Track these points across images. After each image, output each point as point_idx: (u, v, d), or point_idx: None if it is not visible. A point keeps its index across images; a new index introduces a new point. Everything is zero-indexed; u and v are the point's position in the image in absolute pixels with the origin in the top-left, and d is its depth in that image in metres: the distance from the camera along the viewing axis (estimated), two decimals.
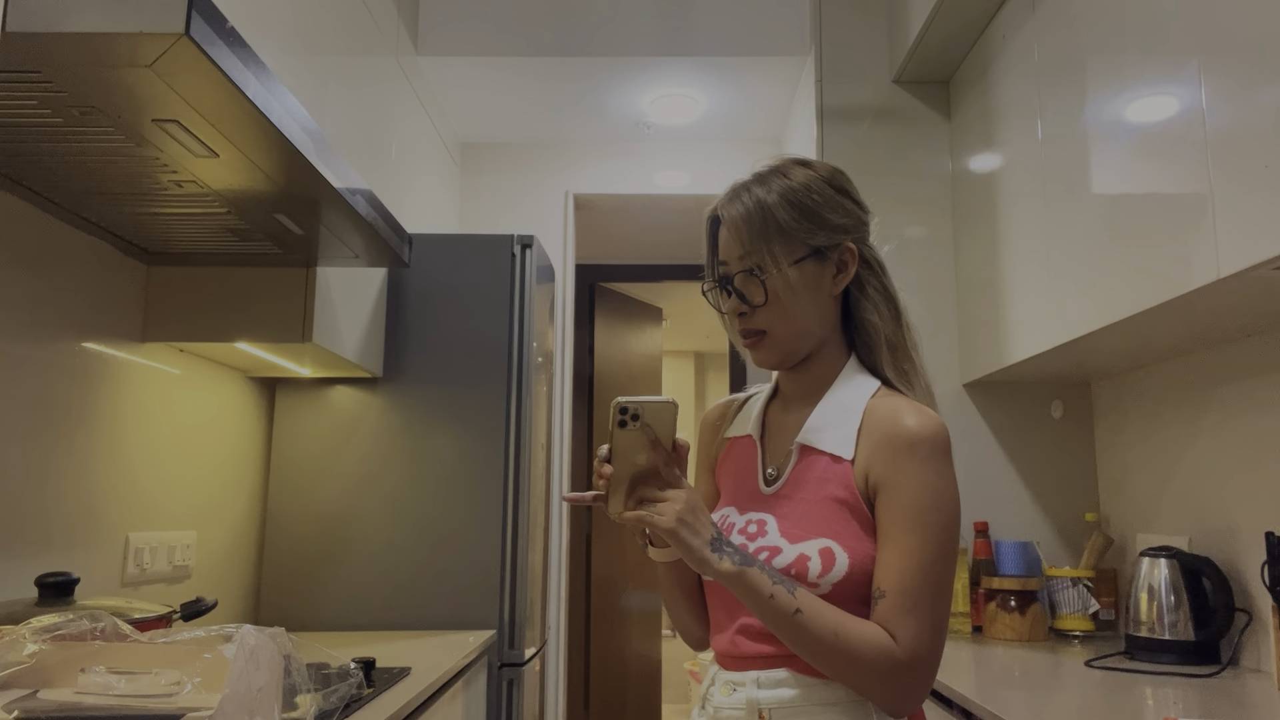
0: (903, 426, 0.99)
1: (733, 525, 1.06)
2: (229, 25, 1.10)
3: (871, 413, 1.03)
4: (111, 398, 1.75)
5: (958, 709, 1.60)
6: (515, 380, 2.47)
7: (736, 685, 1.01)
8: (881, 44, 2.61)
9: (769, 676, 0.99)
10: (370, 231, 1.71)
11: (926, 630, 0.93)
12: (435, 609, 2.35)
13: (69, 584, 1.33)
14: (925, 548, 0.94)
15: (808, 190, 1.05)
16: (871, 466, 1.00)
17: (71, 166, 1.36)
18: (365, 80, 2.32)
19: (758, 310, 1.04)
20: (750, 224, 1.04)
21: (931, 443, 0.98)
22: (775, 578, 0.94)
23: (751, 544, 1.02)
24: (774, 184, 1.06)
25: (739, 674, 1.02)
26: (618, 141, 3.53)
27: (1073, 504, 2.38)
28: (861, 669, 0.92)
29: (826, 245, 1.05)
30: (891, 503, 0.97)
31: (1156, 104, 1.50)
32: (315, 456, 2.42)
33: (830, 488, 1.01)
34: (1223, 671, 1.70)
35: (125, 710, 0.99)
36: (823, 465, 1.03)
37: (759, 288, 1.04)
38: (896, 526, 0.96)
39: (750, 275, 1.04)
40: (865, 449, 1.01)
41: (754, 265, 1.04)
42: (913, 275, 2.50)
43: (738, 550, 0.94)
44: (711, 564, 0.92)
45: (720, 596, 1.06)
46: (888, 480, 0.98)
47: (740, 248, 1.05)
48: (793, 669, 0.99)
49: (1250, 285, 1.36)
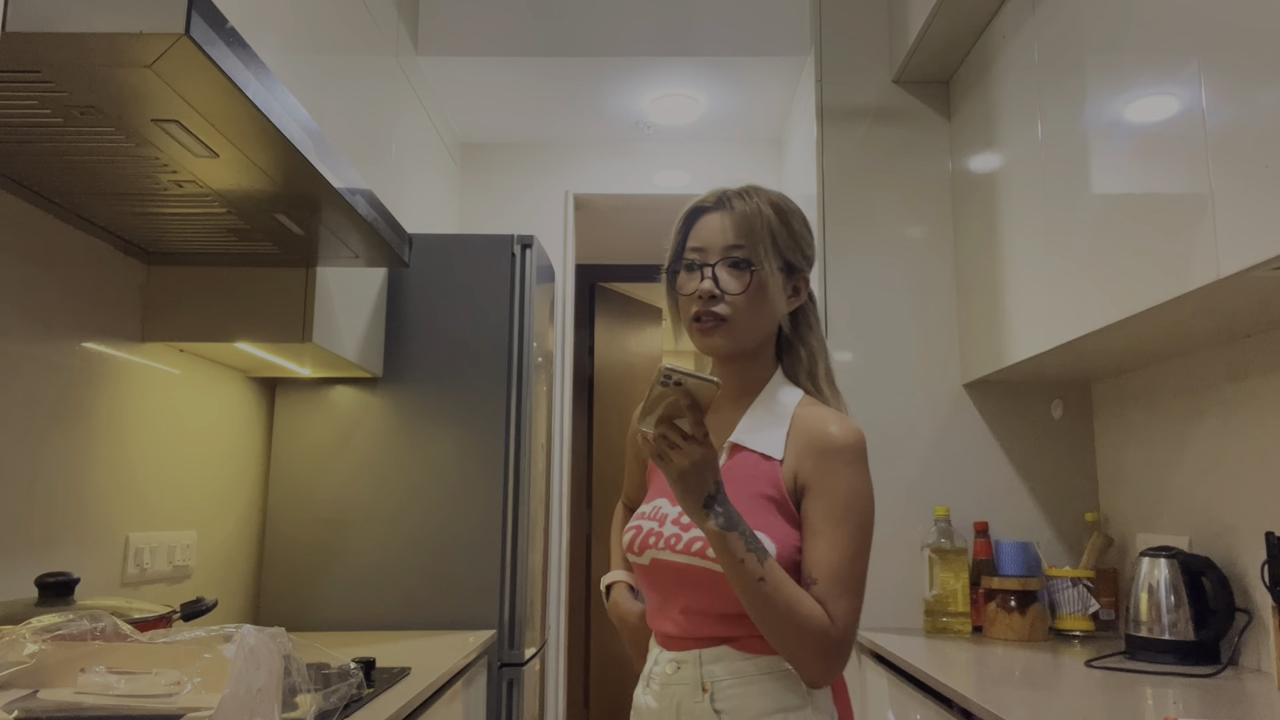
0: (829, 434, 1.11)
1: (666, 515, 1.15)
2: (229, 25, 1.10)
3: (799, 419, 1.15)
4: (111, 398, 1.75)
5: (957, 709, 1.60)
6: (515, 380, 2.47)
7: (681, 662, 1.12)
8: (881, 44, 2.61)
9: (711, 653, 1.10)
10: (370, 231, 1.71)
11: (854, 612, 1.06)
12: (435, 609, 2.35)
13: (69, 584, 1.33)
14: (850, 541, 1.07)
15: (794, 216, 1.20)
16: (800, 468, 1.11)
17: (71, 166, 1.37)
18: (365, 80, 2.32)
19: (728, 298, 1.15)
20: (753, 221, 1.15)
21: (854, 450, 1.10)
22: (752, 545, 1.02)
23: (686, 533, 1.11)
24: (771, 200, 1.19)
25: (683, 653, 1.13)
26: (617, 141, 3.53)
27: (1073, 504, 2.38)
28: (803, 640, 1.02)
29: (796, 267, 1.19)
30: (820, 501, 1.09)
31: (1156, 104, 1.50)
32: (315, 456, 2.42)
33: (759, 484, 1.12)
34: (1223, 671, 1.70)
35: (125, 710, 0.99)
36: (752, 463, 1.14)
37: (742, 278, 1.15)
38: (826, 522, 1.08)
39: (736, 265, 1.15)
40: (793, 451, 1.13)
41: (745, 257, 1.15)
42: (913, 275, 2.50)
43: (728, 514, 1.02)
44: (700, 518, 1.02)
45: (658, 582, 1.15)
46: (815, 482, 1.10)
47: (735, 239, 1.15)
48: (732, 647, 1.10)
49: (1250, 285, 1.36)
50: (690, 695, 1.10)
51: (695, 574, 1.10)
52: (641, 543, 1.16)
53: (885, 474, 2.42)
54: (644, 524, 1.18)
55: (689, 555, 1.10)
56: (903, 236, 2.52)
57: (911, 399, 2.45)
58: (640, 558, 1.16)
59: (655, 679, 1.14)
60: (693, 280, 1.17)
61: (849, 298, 2.49)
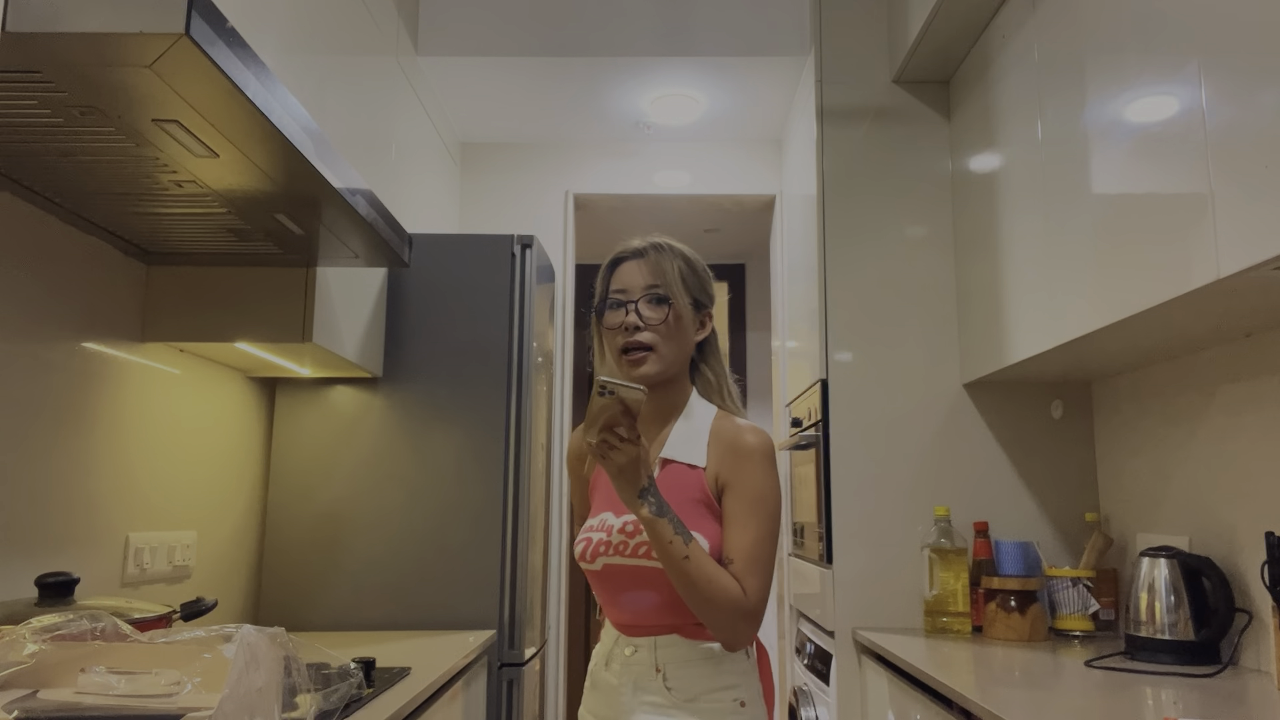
0: (743, 441, 1.34)
1: (612, 526, 1.35)
2: (229, 25, 1.10)
3: (716, 430, 1.37)
4: (111, 398, 1.75)
5: (957, 709, 1.60)
6: (515, 380, 2.47)
7: (638, 647, 1.33)
8: (881, 44, 2.61)
9: (663, 640, 1.32)
10: (370, 231, 1.71)
11: (765, 587, 1.27)
12: (435, 609, 2.35)
13: (69, 584, 1.33)
14: (760, 528, 1.29)
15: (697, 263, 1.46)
16: (720, 471, 1.34)
17: (71, 166, 1.37)
18: (365, 80, 2.32)
19: (651, 328, 1.35)
20: (667, 264, 1.39)
21: (763, 453, 1.33)
22: (679, 530, 1.23)
23: (632, 540, 1.32)
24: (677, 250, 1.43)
25: (639, 639, 1.33)
26: (618, 141, 3.53)
27: (1073, 504, 2.38)
28: (719, 608, 1.23)
29: (702, 303, 1.43)
30: (735, 497, 1.31)
31: (1156, 104, 1.50)
32: (315, 456, 2.42)
33: (690, 491, 1.34)
34: (1223, 671, 1.70)
35: (125, 710, 0.99)
36: (681, 473, 1.36)
37: (661, 310, 1.36)
38: (740, 514, 1.30)
39: (656, 301, 1.36)
40: (714, 458, 1.35)
41: (663, 294, 1.37)
42: (913, 275, 2.50)
43: (658, 503, 1.23)
44: (635, 506, 1.23)
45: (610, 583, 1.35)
46: (732, 481, 1.32)
47: (652, 279, 1.37)
48: (681, 634, 1.31)
49: (1250, 285, 1.36)
50: (646, 674, 1.31)
51: (642, 573, 1.31)
52: (593, 552, 1.35)
53: (885, 474, 2.42)
54: (593, 535, 1.37)
55: (636, 558, 1.31)
56: (903, 236, 2.52)
57: (911, 399, 2.45)
58: (593, 564, 1.36)
59: (615, 660, 1.35)
60: (617, 316, 1.37)
61: (849, 298, 2.49)
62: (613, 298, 1.39)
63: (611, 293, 1.39)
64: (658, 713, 1.28)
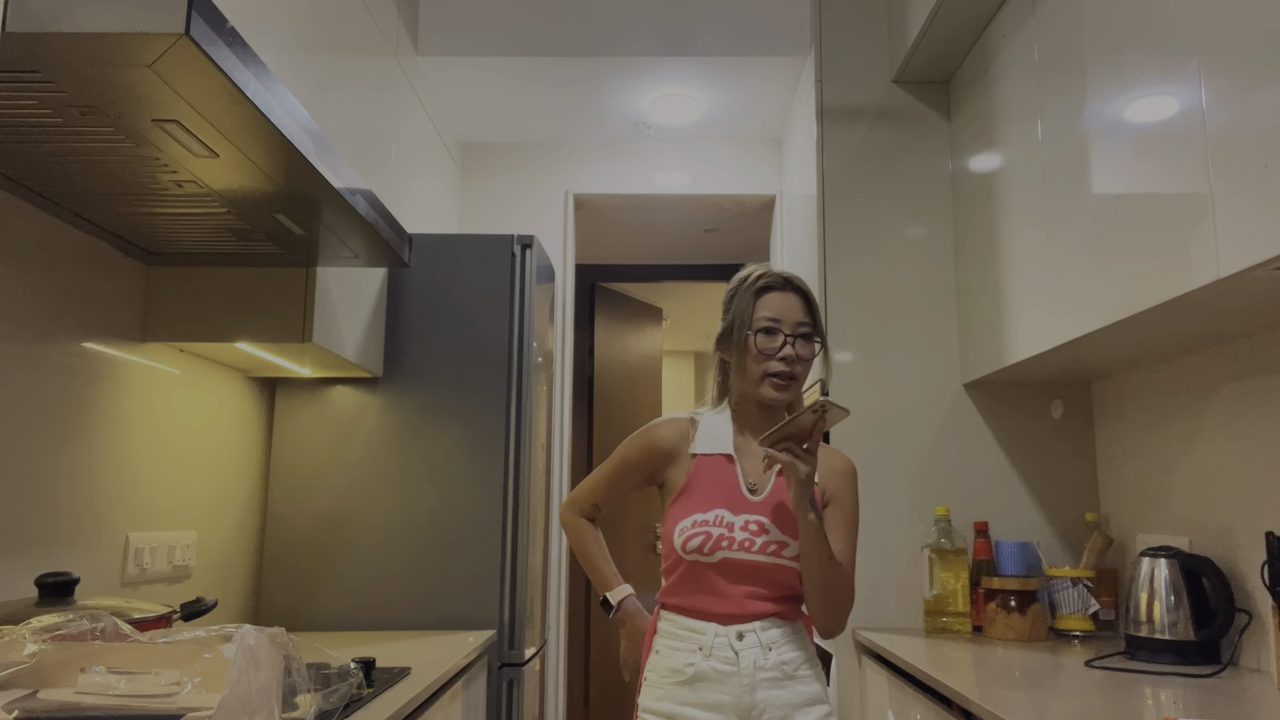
0: (847, 465, 1.57)
1: (732, 523, 1.49)
2: (229, 25, 1.10)
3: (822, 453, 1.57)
4: (111, 398, 1.75)
5: (957, 709, 1.60)
6: (515, 380, 2.47)
7: (744, 633, 1.47)
8: (881, 44, 2.61)
9: (763, 624, 1.48)
10: (370, 231, 1.71)
11: None
12: (435, 609, 2.35)
13: (69, 584, 1.33)
14: (855, 540, 1.53)
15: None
16: (826, 488, 1.54)
17: (71, 166, 1.37)
18: (365, 80, 2.32)
19: (800, 361, 1.51)
20: (814, 306, 1.55)
21: (855, 476, 1.58)
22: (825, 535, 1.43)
23: (758, 538, 1.48)
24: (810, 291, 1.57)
25: (743, 625, 1.47)
26: (618, 141, 3.53)
27: (1073, 504, 2.38)
28: (846, 601, 1.47)
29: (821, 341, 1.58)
30: (840, 511, 1.53)
31: (1156, 104, 1.50)
32: (315, 456, 2.42)
33: None
34: (1223, 671, 1.70)
35: (125, 710, 0.99)
36: None
37: (811, 349, 1.53)
38: (845, 526, 1.52)
39: (808, 339, 1.53)
40: (821, 475, 1.54)
41: (814, 333, 1.53)
42: (913, 275, 2.50)
43: (816, 511, 1.42)
44: (804, 511, 1.40)
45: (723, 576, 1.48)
46: (839, 497, 1.54)
47: (806, 317, 1.53)
48: (778, 619, 1.49)
49: (1250, 285, 1.36)
50: (760, 654, 1.46)
51: (760, 568, 1.47)
52: (714, 545, 1.47)
53: (885, 474, 2.42)
54: (712, 530, 1.48)
55: (766, 555, 1.47)
56: (903, 236, 2.52)
57: (911, 399, 2.45)
58: (710, 557, 1.47)
59: (722, 648, 1.46)
60: (773, 342, 1.50)
61: (849, 298, 2.49)
62: (767, 323, 1.51)
63: (765, 318, 1.51)
64: (775, 686, 1.45)
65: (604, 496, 1.65)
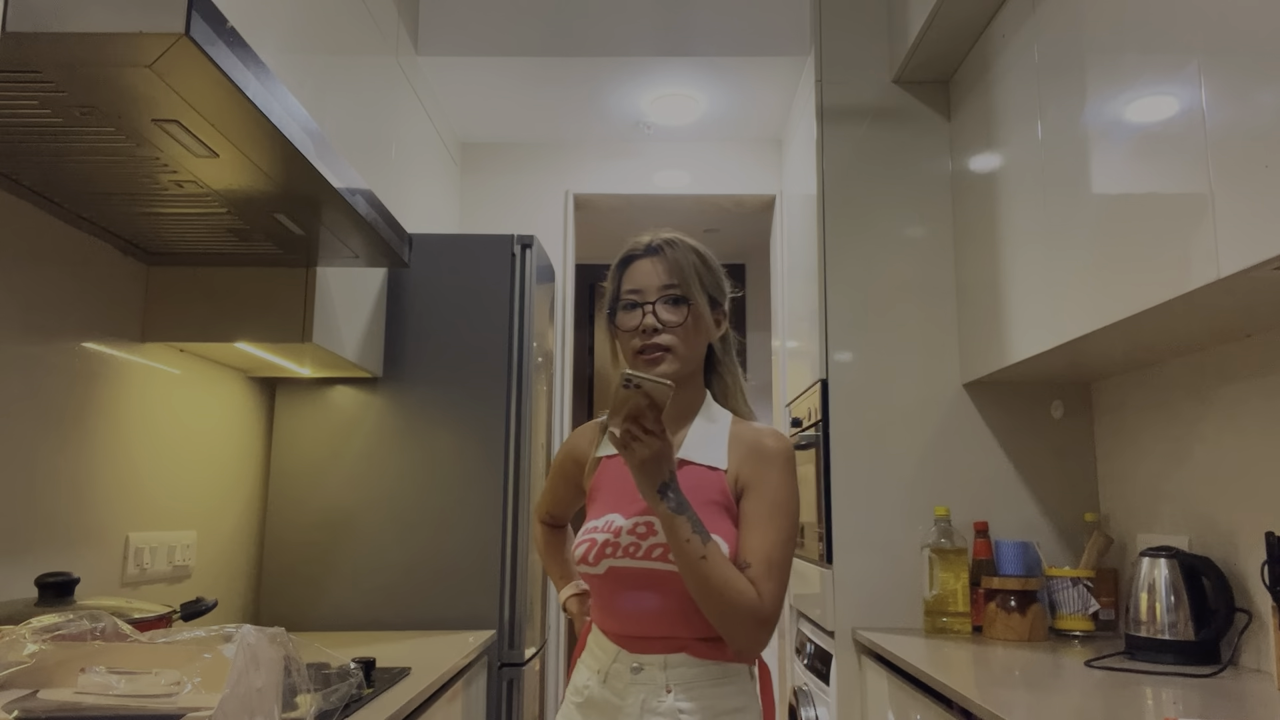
0: (766, 444, 1.31)
1: (620, 527, 1.29)
2: (229, 25, 1.10)
3: (736, 433, 1.34)
4: (111, 398, 1.75)
5: (958, 709, 1.60)
6: (515, 380, 2.47)
7: (645, 665, 1.26)
8: (881, 44, 2.61)
9: (673, 659, 1.26)
10: (370, 231, 1.71)
11: (780, 592, 1.23)
12: (435, 609, 2.35)
13: (69, 584, 1.33)
14: (779, 532, 1.25)
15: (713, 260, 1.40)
16: (740, 473, 1.30)
17: (71, 166, 1.36)
18: (365, 80, 2.32)
19: (670, 330, 1.31)
20: (682, 263, 1.33)
21: (785, 457, 1.31)
22: (697, 529, 1.19)
23: (644, 541, 1.27)
24: (690, 245, 1.37)
25: (646, 656, 1.27)
26: (617, 141, 3.53)
27: (1073, 504, 2.38)
28: (735, 612, 1.19)
29: (717, 301, 1.38)
30: (755, 500, 1.28)
31: (1156, 104, 1.50)
32: (315, 456, 2.42)
33: (709, 493, 1.29)
34: (1223, 671, 1.70)
35: (125, 710, 0.99)
36: (700, 475, 1.31)
37: (680, 311, 1.31)
38: (760, 517, 1.26)
39: (673, 301, 1.32)
40: (734, 461, 1.31)
41: (681, 294, 1.32)
42: (913, 275, 2.50)
43: (678, 500, 1.20)
44: (654, 501, 1.19)
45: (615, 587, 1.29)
46: (753, 483, 1.29)
47: (669, 279, 1.32)
48: (689, 653, 1.26)
49: (1250, 285, 1.36)
50: (655, 694, 1.25)
51: (652, 576, 1.26)
52: (598, 553, 1.29)
53: (885, 474, 2.42)
54: (597, 536, 1.30)
55: (650, 560, 1.25)
56: (903, 236, 2.52)
57: (911, 399, 2.45)
58: (595, 567, 1.29)
59: (617, 677, 1.28)
60: (633, 318, 1.33)
61: (849, 298, 2.49)
62: (627, 299, 1.34)
63: (626, 293, 1.34)
64: None
65: (550, 506, 1.58)
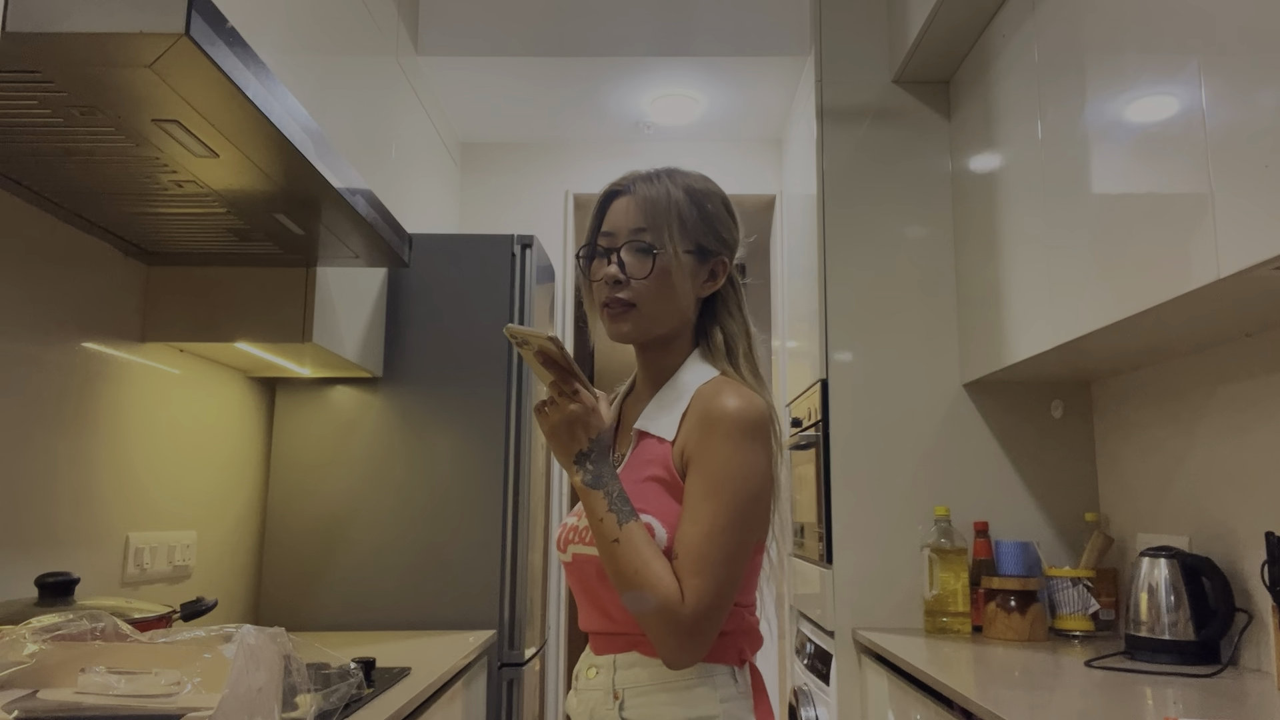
0: (717, 406, 1.04)
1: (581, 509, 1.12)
2: (229, 25, 1.10)
3: (698, 396, 1.09)
4: (111, 398, 1.75)
5: (958, 709, 1.60)
6: (515, 380, 2.47)
7: (598, 667, 1.09)
8: (881, 44, 2.61)
9: (624, 659, 1.07)
10: (370, 231, 1.71)
11: (710, 591, 0.98)
12: (435, 609, 2.35)
13: (69, 584, 1.33)
14: (717, 516, 1.00)
15: (708, 198, 1.15)
16: (687, 444, 1.06)
17: (71, 166, 1.36)
18: (365, 80, 2.32)
19: (634, 283, 1.10)
20: (657, 204, 1.11)
21: (736, 420, 1.03)
22: (616, 506, 1.01)
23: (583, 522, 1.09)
24: (681, 181, 1.15)
25: (601, 657, 1.10)
26: (617, 141, 3.53)
27: (1073, 504, 2.38)
28: (648, 611, 0.98)
29: (709, 250, 1.14)
30: (695, 474, 1.03)
31: (1156, 104, 1.50)
32: (315, 456, 2.42)
33: (652, 468, 1.08)
34: (1223, 671, 1.70)
35: (125, 710, 0.99)
36: (650, 447, 1.10)
37: (646, 262, 1.10)
38: (695, 496, 1.02)
39: (640, 250, 1.10)
40: (685, 429, 1.07)
41: (650, 242, 1.10)
42: (912, 275, 2.50)
43: (597, 472, 1.04)
44: (571, 472, 1.05)
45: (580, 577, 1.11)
46: (695, 454, 1.04)
47: (640, 222, 1.11)
48: (640, 652, 1.06)
49: (1250, 285, 1.36)
50: (603, 703, 1.07)
51: None
52: (564, 539, 1.14)
53: (885, 474, 2.42)
54: (568, 520, 1.16)
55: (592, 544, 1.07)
56: (903, 236, 2.52)
57: (911, 399, 2.45)
58: (564, 555, 1.14)
59: (580, 679, 1.13)
60: (602, 266, 1.13)
61: (849, 298, 2.49)
62: (600, 243, 1.14)
63: (600, 236, 1.14)
64: None
65: None
